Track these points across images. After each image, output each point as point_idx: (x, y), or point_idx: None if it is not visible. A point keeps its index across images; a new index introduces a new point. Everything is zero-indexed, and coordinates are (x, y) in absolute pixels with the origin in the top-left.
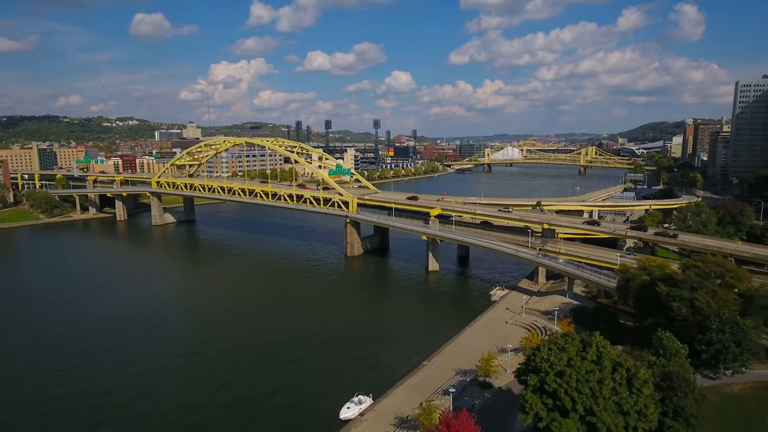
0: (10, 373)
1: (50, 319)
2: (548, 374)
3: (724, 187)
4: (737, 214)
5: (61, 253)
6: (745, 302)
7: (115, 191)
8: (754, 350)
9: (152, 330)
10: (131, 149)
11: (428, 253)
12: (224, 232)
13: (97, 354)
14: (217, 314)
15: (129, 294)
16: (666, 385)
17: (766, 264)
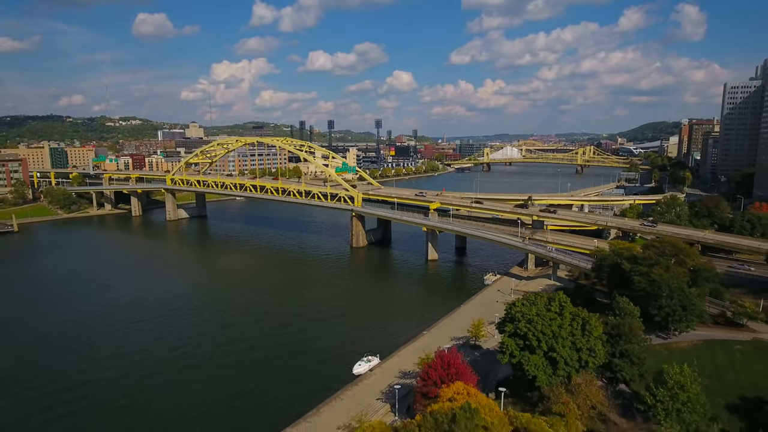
0: (97, 330)
1: (103, 301)
2: (520, 322)
3: (712, 185)
4: (713, 208)
5: (90, 245)
6: (693, 275)
7: (131, 188)
8: (697, 314)
9: (186, 309)
10: (136, 149)
11: (428, 243)
12: (235, 227)
13: (155, 326)
14: (238, 295)
15: (161, 279)
16: (615, 332)
17: (727, 249)
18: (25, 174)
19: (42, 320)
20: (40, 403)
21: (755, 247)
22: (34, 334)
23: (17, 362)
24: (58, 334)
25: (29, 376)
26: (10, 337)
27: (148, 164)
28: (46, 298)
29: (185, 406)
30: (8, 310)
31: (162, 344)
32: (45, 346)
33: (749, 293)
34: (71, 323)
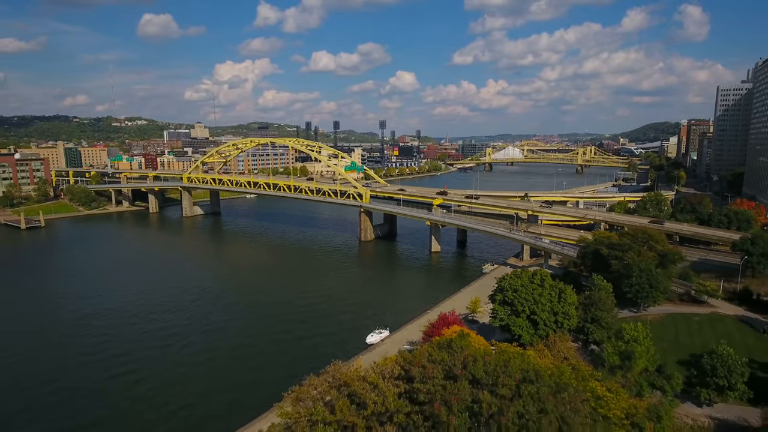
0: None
1: (146, 285)
2: (508, 291)
3: (705, 184)
4: (696, 204)
5: (116, 239)
6: (661, 259)
7: (148, 186)
8: (663, 290)
9: (221, 293)
10: (144, 148)
11: (431, 236)
12: (249, 223)
13: (182, 306)
14: (260, 282)
15: (191, 268)
16: (588, 302)
17: (704, 240)
18: (47, 173)
19: (92, 300)
20: (113, 360)
21: (726, 238)
22: (87, 312)
23: (87, 331)
24: (112, 311)
25: (96, 342)
26: (72, 312)
27: (160, 164)
28: (88, 283)
29: (240, 353)
30: (63, 291)
31: (209, 319)
32: (102, 318)
33: (717, 277)
34: (121, 304)
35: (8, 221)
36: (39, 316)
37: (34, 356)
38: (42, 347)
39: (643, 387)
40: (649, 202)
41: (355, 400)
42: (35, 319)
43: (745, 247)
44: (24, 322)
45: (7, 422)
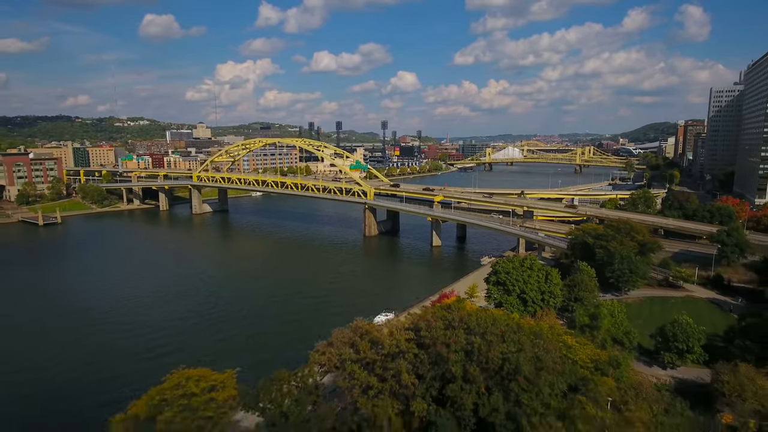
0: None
1: (162, 276)
2: (501, 273)
3: (699, 183)
4: (684, 201)
5: (131, 235)
6: (641, 247)
7: (159, 184)
8: (642, 276)
9: (239, 284)
10: (147, 148)
11: (432, 231)
12: (256, 219)
13: (205, 290)
14: (272, 273)
15: (207, 261)
16: (572, 284)
17: (686, 233)
18: (60, 172)
19: (124, 288)
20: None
21: (706, 231)
22: (124, 296)
23: (132, 309)
24: (143, 294)
25: (142, 320)
26: (110, 297)
27: (166, 163)
28: (116, 274)
29: (266, 329)
30: (96, 280)
31: (235, 303)
32: (140, 298)
33: (695, 266)
34: (151, 290)
35: (26, 218)
36: (79, 302)
37: (81, 334)
38: (90, 325)
39: (607, 341)
40: (638, 199)
41: (374, 343)
42: (76, 304)
43: (721, 238)
44: (65, 307)
45: (74, 383)
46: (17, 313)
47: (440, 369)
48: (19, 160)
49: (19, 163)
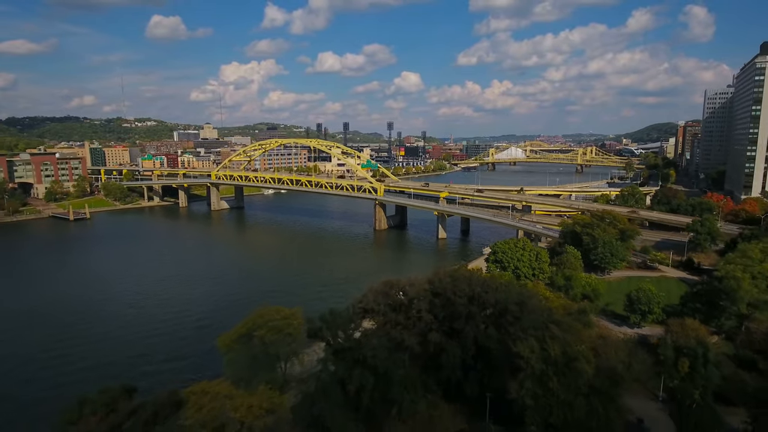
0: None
1: (207, 261)
2: (499, 253)
3: (694, 181)
4: (671, 197)
5: (158, 229)
6: (622, 234)
7: (179, 182)
8: (621, 258)
9: (258, 269)
10: (157, 149)
11: (438, 225)
12: (271, 215)
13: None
14: (291, 260)
15: (229, 250)
16: (559, 262)
17: (669, 224)
18: (84, 171)
19: (160, 272)
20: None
21: (684, 222)
22: (157, 278)
23: (168, 290)
24: (178, 276)
25: (174, 298)
26: (148, 279)
27: (180, 163)
28: (152, 262)
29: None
30: (133, 266)
31: (257, 284)
32: (173, 279)
33: (673, 252)
34: (183, 274)
35: (56, 214)
36: (122, 283)
37: (138, 305)
38: (138, 300)
39: (577, 297)
40: (627, 195)
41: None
42: (120, 285)
43: (695, 227)
44: (111, 288)
45: (133, 344)
46: (95, 290)
47: (449, 310)
48: (47, 160)
49: (46, 162)
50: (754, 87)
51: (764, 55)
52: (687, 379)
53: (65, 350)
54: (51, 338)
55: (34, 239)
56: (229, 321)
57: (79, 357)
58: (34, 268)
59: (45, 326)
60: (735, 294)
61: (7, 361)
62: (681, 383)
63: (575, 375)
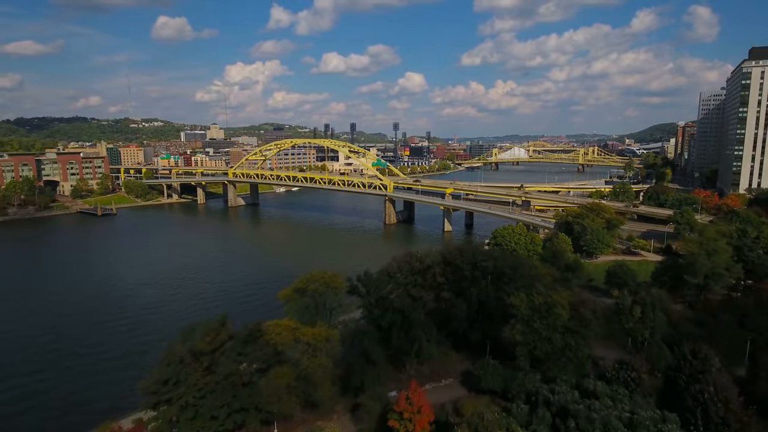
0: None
1: (220, 252)
2: (498, 237)
3: (688, 180)
4: (660, 193)
5: (182, 224)
6: (608, 223)
7: (197, 180)
8: (607, 244)
9: (275, 256)
10: (166, 149)
11: (444, 219)
12: (285, 211)
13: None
14: (306, 250)
15: (247, 242)
16: (551, 246)
17: (655, 217)
18: (107, 169)
19: (190, 258)
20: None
21: (667, 214)
22: (186, 263)
23: (195, 275)
24: (201, 263)
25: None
26: (176, 264)
27: (194, 162)
28: (180, 249)
29: None
30: (165, 252)
31: (286, 264)
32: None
33: (656, 241)
34: (220, 258)
35: (83, 209)
36: (167, 264)
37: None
38: (173, 279)
39: (562, 268)
40: (619, 191)
41: (419, 260)
42: (165, 266)
43: (675, 219)
44: (158, 269)
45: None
46: (146, 271)
47: (457, 274)
48: (72, 159)
49: (72, 161)
50: (741, 90)
51: (750, 61)
52: (639, 321)
53: (154, 313)
54: (139, 306)
55: (71, 232)
56: (269, 292)
57: (167, 314)
58: (85, 256)
59: (127, 298)
60: (693, 268)
61: (111, 322)
62: (634, 325)
63: (554, 317)
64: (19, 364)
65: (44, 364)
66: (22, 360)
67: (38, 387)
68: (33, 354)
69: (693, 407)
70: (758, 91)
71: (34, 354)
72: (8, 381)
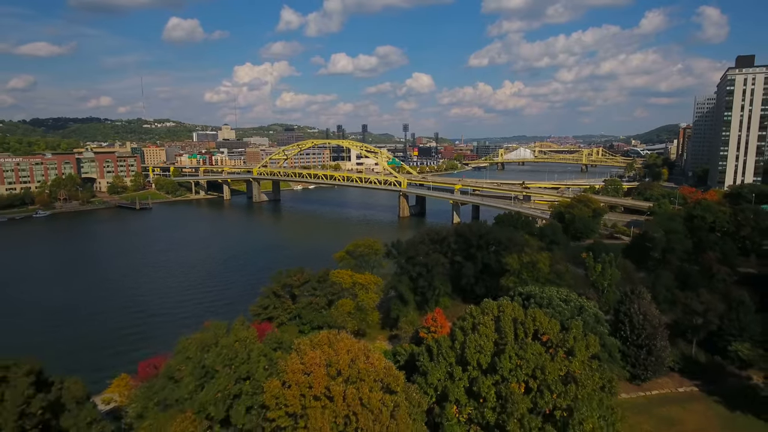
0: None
1: (245, 239)
2: (499, 223)
3: (682, 179)
4: (648, 188)
5: (213, 217)
6: (594, 213)
7: (224, 177)
8: (593, 230)
9: (297, 244)
10: (181, 149)
11: (453, 212)
12: (304, 206)
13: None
14: (327, 239)
15: (273, 231)
16: (543, 234)
17: (638, 209)
18: (138, 167)
19: (224, 244)
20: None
21: (645, 206)
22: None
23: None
24: (234, 250)
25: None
26: (222, 246)
27: (214, 161)
28: (216, 237)
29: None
30: (219, 240)
31: (318, 246)
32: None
33: (634, 227)
34: (260, 242)
35: (122, 204)
36: (213, 247)
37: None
38: (209, 262)
39: (547, 241)
40: (609, 187)
41: (436, 233)
42: (214, 247)
43: (653, 210)
44: (210, 250)
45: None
46: (199, 251)
47: (467, 243)
48: (108, 158)
49: (108, 160)
50: (726, 96)
51: (735, 69)
52: (600, 275)
53: (232, 276)
54: (215, 277)
55: (118, 223)
56: (314, 264)
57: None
58: (141, 240)
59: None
60: (653, 243)
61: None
62: (597, 277)
63: (537, 271)
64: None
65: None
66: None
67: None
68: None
69: (623, 319)
70: (741, 96)
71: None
72: (120, 320)
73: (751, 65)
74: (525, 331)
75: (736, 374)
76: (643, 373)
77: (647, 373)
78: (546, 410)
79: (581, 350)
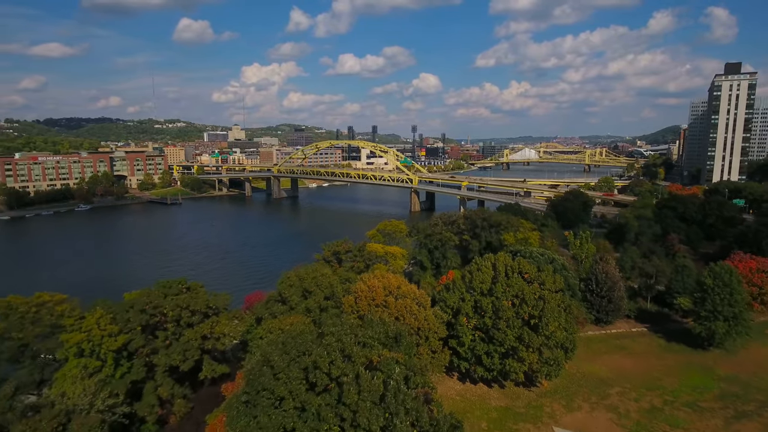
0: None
1: (258, 235)
2: (500, 210)
3: (677, 178)
4: (638, 185)
5: (239, 212)
6: (584, 204)
7: (246, 175)
8: (584, 220)
9: (312, 233)
10: (195, 148)
11: (460, 206)
12: (321, 202)
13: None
14: (353, 227)
15: (293, 223)
16: (538, 223)
17: (625, 203)
18: (166, 165)
19: (250, 232)
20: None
21: (632, 201)
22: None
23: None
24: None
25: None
26: (253, 235)
27: (231, 160)
28: (248, 226)
29: None
30: (247, 231)
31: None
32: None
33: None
34: (288, 231)
35: (152, 199)
36: (245, 234)
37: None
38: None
39: (539, 224)
40: (602, 183)
41: (449, 216)
42: (249, 233)
43: (638, 203)
44: (246, 235)
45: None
46: (239, 236)
47: (473, 224)
48: (138, 156)
49: (138, 159)
50: (713, 100)
51: (722, 75)
52: (579, 249)
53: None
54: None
55: (154, 216)
56: None
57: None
58: (180, 230)
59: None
60: (627, 228)
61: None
62: (576, 250)
63: (528, 245)
64: None
65: None
66: None
67: None
68: None
69: (591, 277)
70: (727, 101)
71: None
72: None
73: (738, 72)
74: (512, 270)
75: (678, 321)
76: (605, 317)
77: (608, 317)
78: (524, 316)
79: (549, 282)
